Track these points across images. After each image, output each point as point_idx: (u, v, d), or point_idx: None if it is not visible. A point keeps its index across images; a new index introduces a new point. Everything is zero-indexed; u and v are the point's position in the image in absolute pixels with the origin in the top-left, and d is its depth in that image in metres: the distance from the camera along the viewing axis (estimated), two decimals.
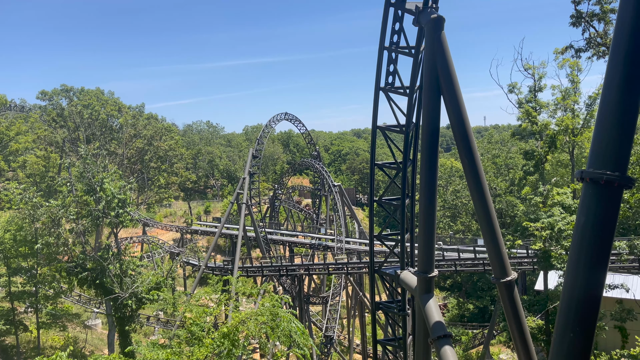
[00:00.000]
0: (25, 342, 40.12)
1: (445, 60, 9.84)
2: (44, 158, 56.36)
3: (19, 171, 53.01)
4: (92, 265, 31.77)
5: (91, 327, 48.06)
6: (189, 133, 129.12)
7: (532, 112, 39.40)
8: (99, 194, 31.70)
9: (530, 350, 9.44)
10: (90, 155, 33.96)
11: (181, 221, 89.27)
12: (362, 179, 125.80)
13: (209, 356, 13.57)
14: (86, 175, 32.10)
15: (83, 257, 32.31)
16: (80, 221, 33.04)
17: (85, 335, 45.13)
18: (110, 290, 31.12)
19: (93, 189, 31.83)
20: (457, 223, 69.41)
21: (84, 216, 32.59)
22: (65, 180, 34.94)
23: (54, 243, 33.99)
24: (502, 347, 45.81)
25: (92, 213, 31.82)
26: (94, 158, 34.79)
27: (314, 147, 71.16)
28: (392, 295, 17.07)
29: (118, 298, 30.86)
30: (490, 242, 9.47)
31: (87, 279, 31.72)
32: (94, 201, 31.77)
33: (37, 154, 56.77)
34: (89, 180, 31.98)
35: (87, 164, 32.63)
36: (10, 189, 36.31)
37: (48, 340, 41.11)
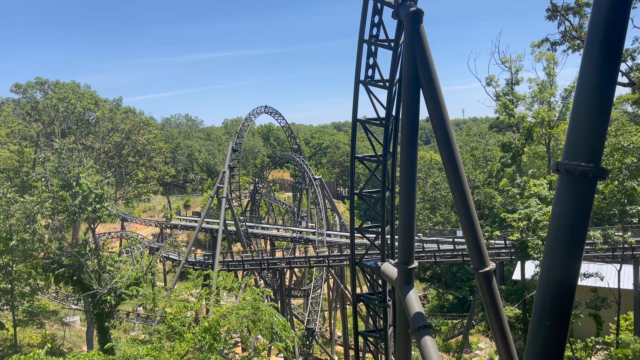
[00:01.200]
0: (2, 340, 39.36)
1: (424, 54, 9.88)
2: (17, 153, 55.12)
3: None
4: (69, 262, 31.28)
5: (69, 324, 47.36)
6: (167, 127, 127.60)
7: (510, 105, 39.95)
8: (75, 189, 31.15)
9: (508, 338, 9.61)
10: (65, 150, 33.30)
11: (160, 216, 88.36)
12: (342, 172, 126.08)
13: (190, 351, 13.50)
14: (62, 170, 31.50)
15: (60, 253, 31.78)
16: (56, 217, 32.46)
17: (63, 333, 44.46)
18: (88, 286, 30.70)
19: (69, 184, 31.26)
20: (436, 215, 70.15)
21: (60, 212, 32.02)
22: (40, 175, 34.27)
23: (29, 239, 33.31)
24: (481, 336, 46.60)
25: (69, 208, 31.26)
26: (70, 152, 34.10)
27: (294, 140, 71.01)
28: (373, 287, 17.19)
29: (96, 294, 30.46)
30: (469, 233, 9.57)
31: (64, 275, 31.23)
32: (70, 196, 31.21)
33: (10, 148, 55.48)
34: (64, 175, 31.39)
35: (62, 159, 32.00)
36: None
37: (25, 338, 40.40)
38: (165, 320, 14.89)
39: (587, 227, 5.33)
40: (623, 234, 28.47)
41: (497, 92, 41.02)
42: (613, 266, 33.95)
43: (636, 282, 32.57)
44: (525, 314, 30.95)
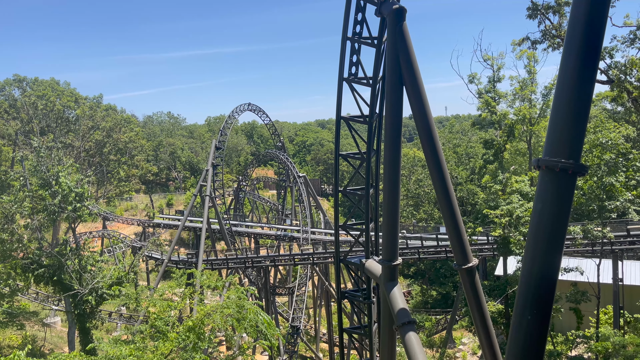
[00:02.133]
0: None
1: (407, 51, 9.91)
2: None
3: None
4: (50, 262, 30.78)
5: (50, 325, 46.62)
6: (149, 124, 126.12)
7: (492, 102, 40.35)
8: (55, 188, 30.64)
9: (491, 333, 9.72)
10: (44, 148, 32.73)
11: (143, 214, 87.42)
12: (327, 170, 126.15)
13: (174, 350, 13.40)
14: (40, 169, 30.94)
15: (39, 254, 31.26)
16: (35, 216, 31.89)
17: (44, 334, 43.76)
18: (69, 286, 30.26)
19: (48, 183, 30.73)
20: (420, 212, 70.63)
21: (40, 211, 31.46)
22: (18, 174, 33.62)
23: (7, 239, 32.69)
24: (464, 332, 47.10)
25: (48, 208, 30.74)
26: (49, 151, 33.51)
27: (278, 138, 70.79)
28: (358, 284, 17.24)
29: (77, 294, 30.04)
30: (452, 229, 9.65)
31: (44, 275, 30.73)
32: (50, 195, 30.70)
33: None
34: (43, 174, 30.84)
35: (41, 157, 31.44)
36: None
37: (5, 340, 39.69)
38: (149, 320, 14.75)
39: (567, 222, 5.42)
40: (602, 229, 28.99)
41: (480, 89, 41.41)
42: (593, 261, 34.57)
43: (615, 276, 33.21)
44: (508, 309, 31.34)
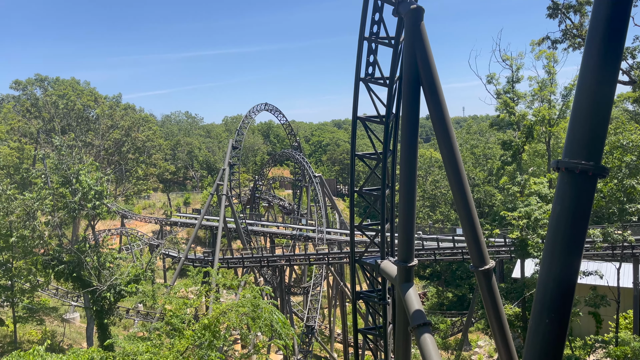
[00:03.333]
0: (2, 336, 39.43)
1: (425, 51, 9.86)
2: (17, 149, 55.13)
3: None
4: (69, 258, 31.29)
5: (69, 320, 47.42)
6: (167, 124, 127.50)
7: (510, 103, 39.91)
8: (75, 186, 31.13)
9: (507, 336, 9.62)
10: (65, 147, 33.30)
11: (160, 213, 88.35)
12: (342, 170, 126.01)
13: (190, 348, 13.52)
14: (61, 167, 31.47)
15: (60, 250, 31.78)
16: (56, 214, 32.44)
17: (63, 329, 44.52)
18: (88, 283, 30.72)
19: (69, 181, 31.24)
20: (436, 213, 70.15)
21: (60, 208, 32.01)
22: (40, 172, 34.24)
23: (29, 236, 33.31)
24: (480, 334, 46.65)
25: (68, 205, 31.25)
26: (70, 149, 34.08)
27: (294, 137, 70.95)
28: (373, 285, 17.20)
29: (96, 291, 30.48)
30: (469, 231, 9.58)
31: (64, 272, 31.23)
32: (70, 193, 31.20)
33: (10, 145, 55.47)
34: (64, 172, 31.37)
35: (62, 156, 31.99)
36: None
37: (25, 335, 40.46)
38: (165, 317, 14.90)
39: (587, 225, 5.33)
40: (622, 232, 28.47)
41: (498, 90, 40.99)
42: (612, 264, 33.95)
43: (636, 280, 32.60)
44: (525, 312, 30.98)
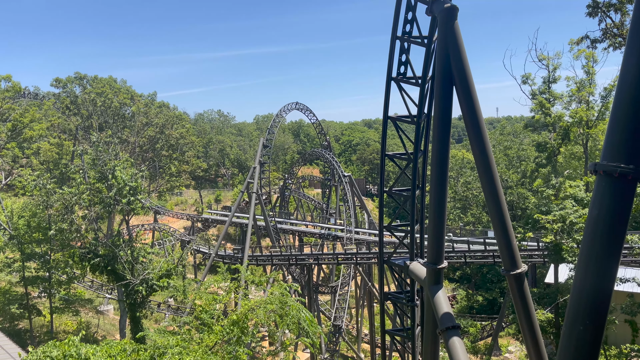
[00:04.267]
0: (39, 326, 40.83)
1: (458, 51, 9.74)
2: (57, 145, 56.94)
3: (33, 158, 53.56)
4: (104, 252, 32.14)
5: (103, 312, 48.76)
6: (200, 122, 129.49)
7: (546, 104, 38.98)
8: (111, 182, 31.96)
9: (539, 342, 9.43)
10: (102, 143, 34.21)
11: (192, 209, 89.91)
12: (372, 170, 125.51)
13: (219, 343, 13.72)
14: (98, 163, 32.36)
15: (95, 244, 32.68)
16: (92, 208, 33.37)
17: (97, 321, 45.81)
18: (121, 276, 31.48)
19: (105, 177, 32.10)
20: (467, 215, 69.12)
21: (96, 203, 32.90)
22: (78, 167, 35.31)
23: (67, 229, 34.40)
24: (511, 339, 45.76)
25: (104, 200, 32.11)
26: (106, 146, 35.01)
27: (324, 137, 71.06)
28: (401, 286, 17.09)
29: (129, 284, 31.21)
30: (501, 234, 9.42)
31: (99, 265, 32.08)
32: (106, 188, 32.06)
33: (50, 141, 57.36)
34: (101, 168, 32.24)
35: (99, 152, 32.88)
36: (25, 176, 36.76)
37: (61, 325, 41.80)
38: (195, 312, 15.16)
39: (625, 230, 5.17)
40: None
41: (533, 90, 40.07)
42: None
43: None
44: (558, 318, 30.24)
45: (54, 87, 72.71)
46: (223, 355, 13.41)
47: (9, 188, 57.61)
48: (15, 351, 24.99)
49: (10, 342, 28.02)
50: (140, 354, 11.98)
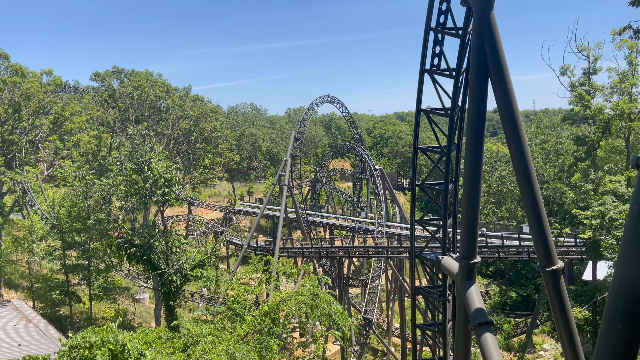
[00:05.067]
0: (79, 312, 42.33)
1: (494, 42, 9.53)
2: (96, 138, 58.64)
3: (73, 150, 55.32)
4: (140, 242, 33.00)
5: (139, 300, 50.15)
6: (233, 115, 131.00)
7: (586, 96, 37.74)
8: (147, 173, 32.73)
9: (575, 341, 9.22)
10: (138, 136, 35.04)
11: (225, 201, 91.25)
12: (404, 163, 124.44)
13: (250, 333, 13.93)
14: (135, 155, 33.18)
15: (131, 234, 33.59)
16: (129, 199, 34.28)
17: (134, 308, 47.16)
18: (156, 266, 32.28)
19: (141, 168, 32.89)
20: (501, 209, 67.77)
21: (133, 194, 33.78)
22: (115, 159, 36.29)
23: (105, 219, 35.49)
24: (546, 337, 44.82)
25: (140, 191, 32.91)
26: (142, 138, 35.86)
27: (355, 130, 70.82)
28: (433, 281, 16.95)
29: (164, 274, 31.98)
30: (537, 229, 9.23)
31: (135, 254, 32.97)
32: (142, 180, 32.84)
33: (89, 133, 59.10)
34: (137, 160, 33.05)
35: (135, 144, 33.70)
36: (65, 167, 38.05)
37: (100, 312, 43.21)
38: (227, 303, 15.43)
39: None
40: None
41: (573, 82, 38.84)
42: None
43: None
44: (595, 317, 29.47)
45: (93, 81, 74.70)
46: (254, 345, 13.62)
47: (51, 179, 59.75)
48: (56, 336, 26.07)
49: (51, 328, 29.23)
50: (174, 341, 12.29)
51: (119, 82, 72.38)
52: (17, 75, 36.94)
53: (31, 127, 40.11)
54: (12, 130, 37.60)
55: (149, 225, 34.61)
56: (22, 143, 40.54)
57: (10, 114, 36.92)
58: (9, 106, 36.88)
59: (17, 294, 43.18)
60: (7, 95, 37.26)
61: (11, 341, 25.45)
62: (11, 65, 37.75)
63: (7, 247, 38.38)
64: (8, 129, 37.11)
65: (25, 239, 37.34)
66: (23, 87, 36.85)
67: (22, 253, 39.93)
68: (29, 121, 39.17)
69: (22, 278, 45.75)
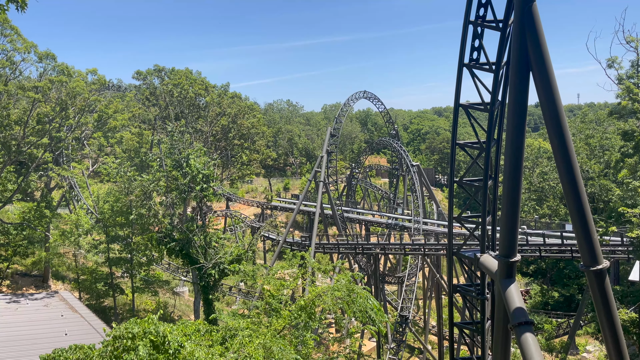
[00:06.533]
0: (122, 304, 43.72)
1: (536, 34, 9.26)
2: (137, 135, 60.20)
3: (116, 147, 57.04)
4: (180, 236, 33.73)
5: (179, 293, 51.38)
6: (269, 112, 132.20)
7: (634, 89, 36.17)
8: (185, 169, 33.39)
9: (620, 342, 8.91)
10: (177, 132, 35.79)
11: (262, 197, 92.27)
12: (441, 159, 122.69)
13: (287, 327, 14.06)
14: (174, 152, 33.90)
15: (171, 229, 34.37)
16: (169, 194, 35.09)
17: (174, 301, 48.35)
18: (195, 260, 32.94)
19: (180, 165, 33.59)
20: (543, 207, 65.88)
21: (172, 190, 34.54)
22: (155, 155, 37.20)
23: (146, 214, 36.47)
24: (589, 338, 43.41)
25: (179, 187, 33.62)
26: (181, 135, 36.61)
27: (392, 125, 70.22)
28: (471, 279, 16.67)
29: (202, 268, 32.61)
30: (580, 227, 8.95)
31: (174, 248, 33.74)
32: (181, 176, 33.54)
33: (132, 130, 60.72)
34: (176, 156, 33.76)
35: (174, 141, 34.42)
36: (109, 163, 39.30)
37: (142, 304, 44.49)
38: (264, 297, 15.61)
39: None
40: None
41: (620, 75, 37.25)
42: None
43: None
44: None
45: (135, 80, 76.59)
46: (291, 339, 13.75)
47: (95, 175, 61.85)
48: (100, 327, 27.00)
49: (96, 318, 30.29)
50: (212, 334, 12.54)
51: (160, 80, 74.02)
52: (64, 75, 38.29)
53: (77, 124, 41.56)
54: (59, 127, 39.08)
55: (187, 220, 35.35)
56: (69, 140, 42.07)
57: (57, 112, 38.37)
58: (56, 105, 38.33)
59: (64, 285, 44.99)
60: (54, 94, 38.74)
61: (59, 331, 26.54)
62: (58, 65, 39.15)
63: (55, 240, 39.99)
64: (56, 127, 38.58)
65: (72, 232, 38.78)
66: (69, 86, 38.20)
67: (68, 246, 41.52)
68: (75, 119, 40.59)
69: (68, 270, 47.64)
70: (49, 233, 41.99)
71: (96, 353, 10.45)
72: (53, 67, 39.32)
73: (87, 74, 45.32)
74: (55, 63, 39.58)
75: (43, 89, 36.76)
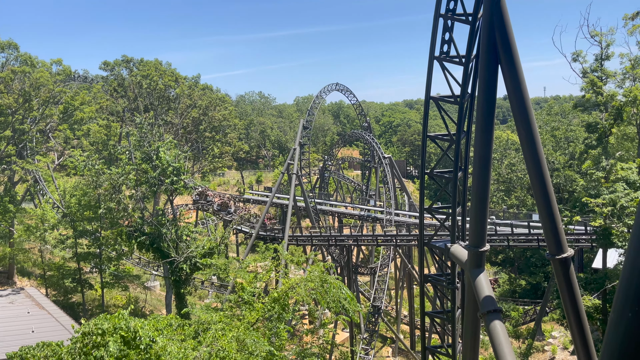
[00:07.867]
0: (91, 300, 42.89)
1: (505, 28, 9.42)
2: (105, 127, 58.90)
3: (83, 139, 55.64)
4: (150, 230, 33.26)
5: (150, 288, 50.68)
6: (241, 104, 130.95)
7: (598, 82, 37.26)
8: (155, 162, 32.86)
9: (585, 329, 9.21)
10: (146, 124, 35.12)
11: (234, 190, 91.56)
12: (413, 151, 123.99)
13: (260, 320, 14.05)
14: (143, 144, 33.30)
15: (141, 222, 33.85)
16: (138, 188, 34.49)
17: (145, 296, 47.68)
18: (166, 254, 32.55)
19: (150, 157, 33.03)
20: (511, 197, 67.47)
21: (142, 183, 33.97)
22: (124, 148, 36.47)
23: (115, 208, 35.76)
24: (555, 325, 44.75)
25: (149, 180, 33.08)
26: (150, 127, 35.95)
27: (364, 118, 70.51)
28: (442, 269, 16.96)
29: (174, 262, 32.25)
30: (546, 217, 9.19)
31: (145, 242, 33.27)
32: (151, 169, 33.00)
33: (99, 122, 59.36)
34: (146, 149, 33.18)
35: (143, 133, 33.80)
36: (76, 156, 38.34)
37: (112, 299, 43.74)
38: (236, 290, 15.56)
39: None
40: None
41: (584, 68, 38.32)
42: None
43: None
44: (605, 305, 29.36)
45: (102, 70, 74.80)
46: (264, 331, 13.75)
47: (62, 168, 60.23)
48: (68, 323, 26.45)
49: (64, 315, 29.66)
50: (185, 329, 12.45)
51: (128, 71, 72.43)
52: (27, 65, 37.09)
53: (41, 116, 40.36)
54: (22, 119, 37.87)
55: (158, 214, 34.85)
56: (33, 132, 40.83)
57: (20, 103, 37.15)
58: (19, 96, 37.11)
59: (30, 281, 43.82)
60: (17, 85, 37.48)
61: (25, 328, 25.89)
62: (21, 55, 37.91)
63: (20, 235, 38.88)
64: (19, 119, 37.38)
65: (37, 227, 37.77)
66: (33, 76, 37.02)
67: (34, 241, 40.43)
68: (39, 111, 39.39)
69: (34, 266, 46.39)
70: (13, 228, 40.80)
71: (65, 350, 10.24)
72: (15, 57, 38.05)
73: (52, 64, 44.02)
74: (18, 53, 38.29)
75: (5, 80, 35.54)
